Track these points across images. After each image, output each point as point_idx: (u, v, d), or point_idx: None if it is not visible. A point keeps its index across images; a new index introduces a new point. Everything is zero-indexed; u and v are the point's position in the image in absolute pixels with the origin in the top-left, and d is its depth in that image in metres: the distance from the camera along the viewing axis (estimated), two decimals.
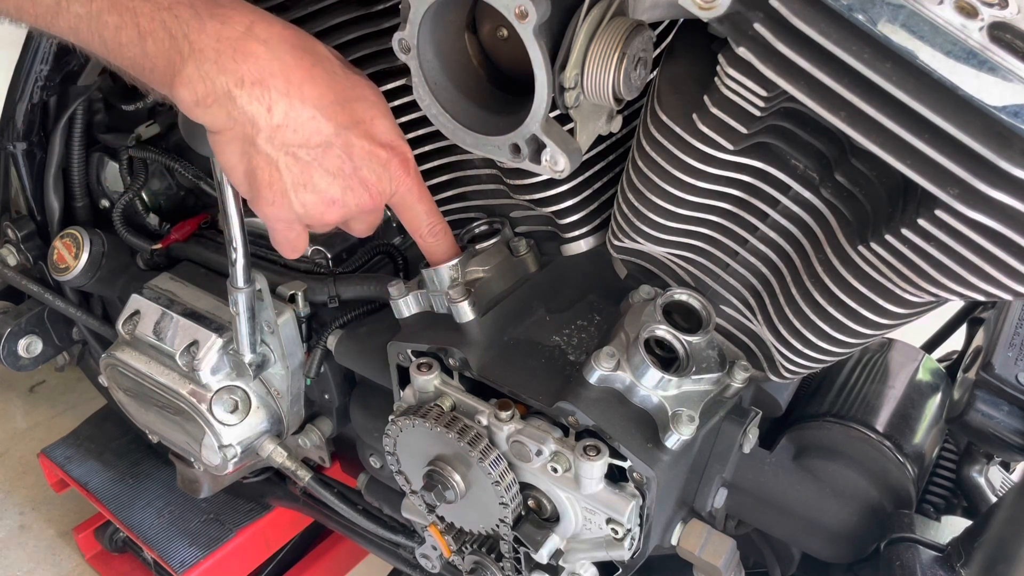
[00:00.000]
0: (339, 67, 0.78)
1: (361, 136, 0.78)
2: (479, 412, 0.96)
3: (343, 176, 0.79)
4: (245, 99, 0.71)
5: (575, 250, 1.04)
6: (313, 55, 0.74)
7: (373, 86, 0.82)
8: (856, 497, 1.02)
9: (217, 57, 0.70)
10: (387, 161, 0.81)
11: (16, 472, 2.12)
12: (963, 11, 0.61)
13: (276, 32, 0.72)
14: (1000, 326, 1.05)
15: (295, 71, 0.73)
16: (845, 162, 0.78)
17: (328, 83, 0.74)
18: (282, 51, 0.72)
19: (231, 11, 0.71)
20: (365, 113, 0.79)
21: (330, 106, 0.75)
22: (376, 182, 0.82)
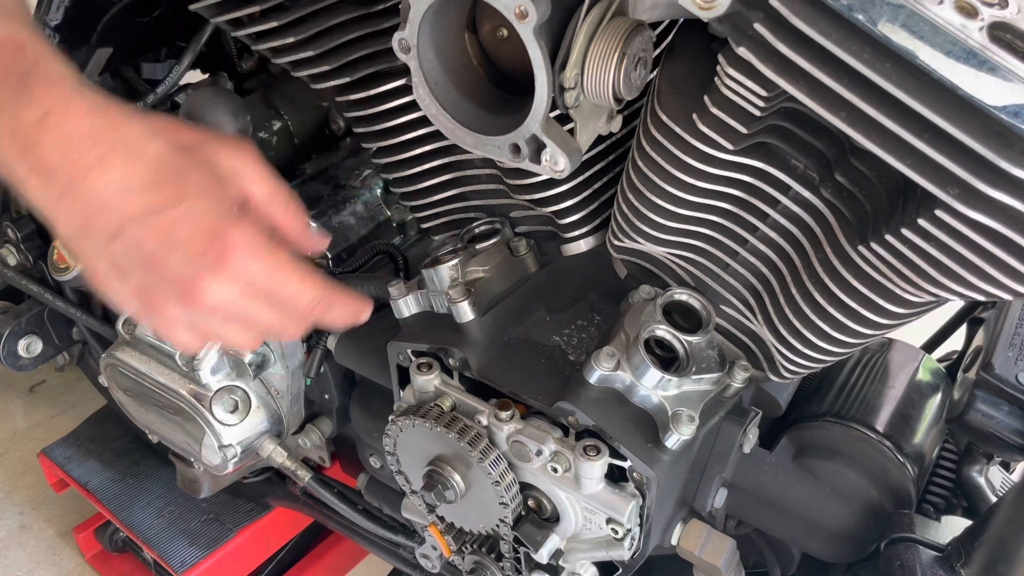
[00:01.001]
0: (150, 154, 0.65)
1: (154, 229, 0.65)
2: (479, 412, 0.96)
3: (124, 280, 0.68)
4: (34, 191, 0.65)
5: (575, 250, 1.04)
6: (109, 143, 0.64)
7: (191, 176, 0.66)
8: (856, 497, 1.02)
9: (9, 150, 0.64)
10: (202, 248, 0.66)
11: (16, 472, 2.12)
12: (963, 11, 0.61)
13: (72, 118, 0.63)
14: (1000, 326, 1.05)
15: (81, 162, 0.64)
16: (845, 162, 0.78)
17: (122, 168, 0.64)
18: (73, 141, 0.63)
19: (42, 90, 0.64)
20: (166, 200, 0.65)
21: (119, 193, 0.64)
22: (195, 278, 0.67)
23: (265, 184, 0.72)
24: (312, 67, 1.00)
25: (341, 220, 1.41)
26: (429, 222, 1.14)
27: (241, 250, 0.66)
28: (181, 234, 0.65)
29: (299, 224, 0.74)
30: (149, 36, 1.40)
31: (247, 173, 0.70)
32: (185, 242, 0.65)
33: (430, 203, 1.11)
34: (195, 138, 0.68)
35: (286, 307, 0.71)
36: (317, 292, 0.72)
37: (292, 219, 0.74)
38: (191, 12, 1.02)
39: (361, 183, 1.47)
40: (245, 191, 0.71)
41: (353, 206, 1.44)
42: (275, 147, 1.60)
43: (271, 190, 0.72)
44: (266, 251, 0.68)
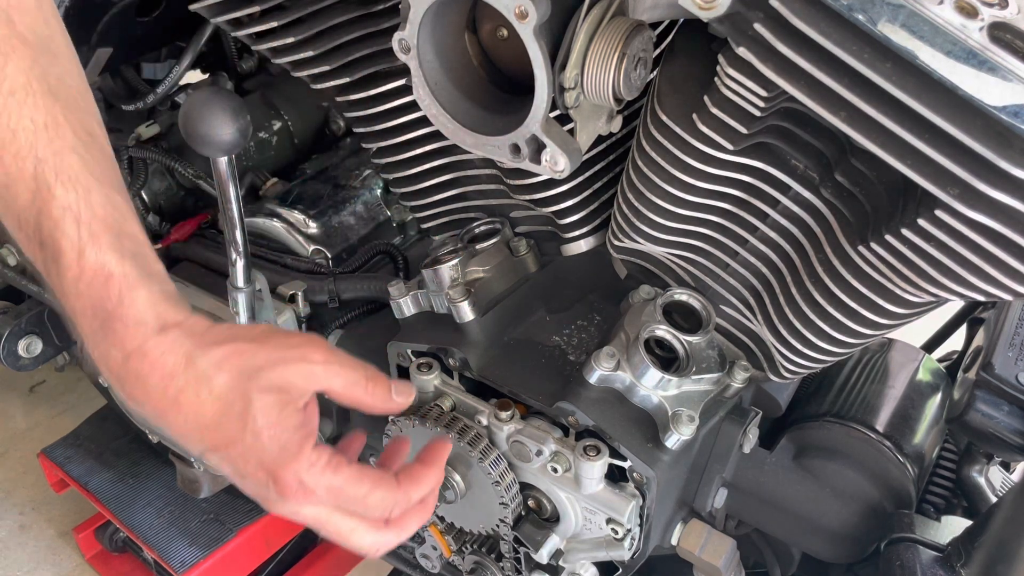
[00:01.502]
0: (216, 390, 0.71)
1: (227, 460, 0.73)
2: (479, 412, 0.96)
3: (235, 480, 0.76)
4: (146, 416, 0.73)
5: (575, 250, 1.04)
6: (181, 382, 0.71)
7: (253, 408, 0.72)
8: (856, 497, 1.02)
9: (107, 376, 0.72)
10: (265, 482, 0.73)
11: (16, 472, 2.12)
12: (963, 11, 0.61)
13: (148, 363, 0.70)
14: (1000, 326, 1.05)
15: (160, 401, 0.72)
16: (845, 162, 0.78)
17: (194, 407, 0.71)
18: (151, 382, 0.71)
19: (123, 332, 0.70)
20: (228, 437, 0.72)
21: (193, 430, 0.72)
22: (270, 503, 0.75)
23: (340, 377, 0.75)
24: (312, 67, 1.00)
25: (341, 220, 1.41)
26: (429, 222, 1.14)
27: (294, 487, 0.72)
28: (244, 468, 0.72)
29: (382, 398, 0.78)
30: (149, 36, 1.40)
31: (319, 374, 0.74)
32: (248, 475, 0.72)
33: (430, 203, 1.11)
34: (262, 360, 0.72)
35: (365, 513, 0.77)
36: (387, 498, 0.76)
37: (375, 398, 0.77)
38: (191, 12, 1.02)
39: (361, 183, 1.47)
40: (323, 388, 0.75)
41: (353, 206, 1.44)
42: (275, 147, 1.60)
43: (347, 380, 0.76)
44: (321, 480, 0.73)
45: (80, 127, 0.72)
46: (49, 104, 0.70)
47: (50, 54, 0.72)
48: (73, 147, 0.71)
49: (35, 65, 0.70)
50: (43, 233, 0.70)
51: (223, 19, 1.00)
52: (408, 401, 0.79)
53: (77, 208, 0.70)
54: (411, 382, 0.82)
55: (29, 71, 0.69)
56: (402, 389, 0.79)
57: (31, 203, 0.69)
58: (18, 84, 0.69)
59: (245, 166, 1.53)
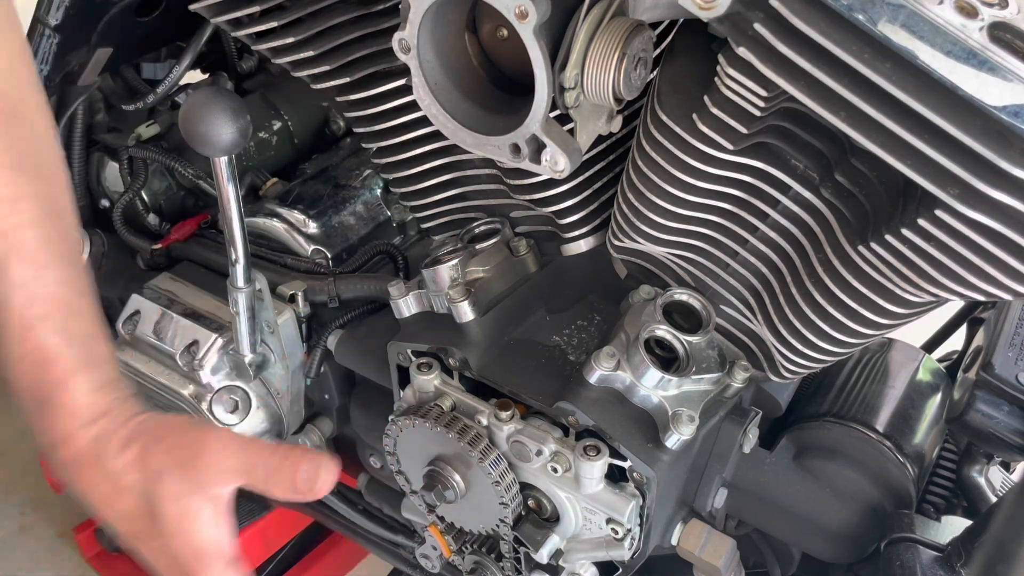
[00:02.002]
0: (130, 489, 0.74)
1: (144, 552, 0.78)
2: (479, 412, 0.96)
3: None
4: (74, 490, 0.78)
5: (575, 250, 1.04)
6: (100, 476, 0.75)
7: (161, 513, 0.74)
8: (856, 497, 1.02)
9: (40, 446, 0.77)
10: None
11: (16, 472, 2.12)
12: (963, 11, 0.61)
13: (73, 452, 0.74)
14: (1000, 326, 1.05)
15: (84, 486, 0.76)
16: (845, 162, 0.78)
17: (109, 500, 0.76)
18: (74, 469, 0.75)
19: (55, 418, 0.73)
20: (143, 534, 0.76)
21: (110, 517, 0.77)
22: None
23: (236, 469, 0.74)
24: (312, 67, 1.00)
25: (341, 220, 1.41)
26: (429, 222, 1.14)
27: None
28: (157, 563, 0.76)
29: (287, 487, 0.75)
30: (149, 36, 1.40)
31: (216, 477, 0.74)
32: (166, 567, 0.76)
33: (430, 203, 1.11)
34: (162, 463, 0.73)
35: None
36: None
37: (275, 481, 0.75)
38: (191, 12, 1.02)
39: (361, 183, 1.47)
40: (225, 487, 0.75)
41: (353, 206, 1.44)
42: (275, 147, 1.60)
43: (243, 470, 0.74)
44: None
45: (44, 198, 0.72)
46: (13, 176, 0.70)
47: (20, 118, 0.72)
48: (32, 221, 0.71)
49: (3, 135, 0.69)
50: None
51: (223, 19, 1.00)
52: (316, 490, 0.75)
53: (31, 287, 0.70)
54: (326, 463, 0.75)
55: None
56: (310, 474, 0.74)
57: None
58: None
59: (245, 166, 1.52)
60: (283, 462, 0.74)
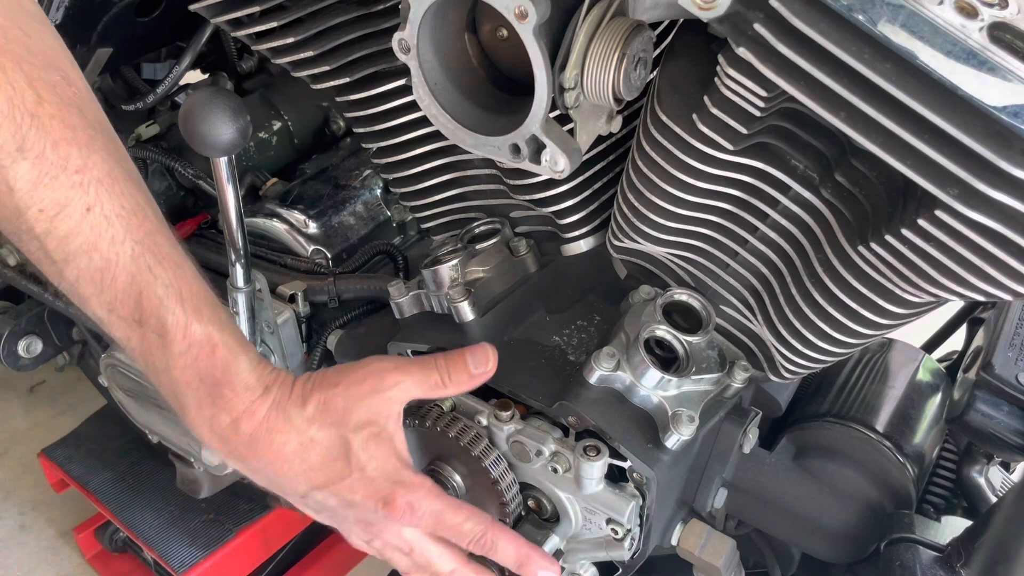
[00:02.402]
0: (316, 439, 0.81)
1: (331, 495, 0.83)
2: (479, 412, 0.96)
3: (336, 520, 0.88)
4: (246, 470, 0.83)
5: (575, 250, 1.04)
6: (284, 436, 0.80)
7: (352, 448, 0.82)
8: (856, 497, 1.02)
9: (210, 439, 0.80)
10: (374, 508, 0.83)
11: (16, 472, 2.12)
12: (963, 11, 0.61)
13: (255, 422, 0.79)
14: (1000, 326, 1.05)
15: (267, 453, 0.81)
16: (845, 162, 0.78)
17: (299, 456, 0.80)
18: (259, 438, 0.80)
19: (231, 397, 0.78)
20: (337, 475, 0.82)
21: (299, 475, 0.82)
22: (374, 526, 0.87)
23: (414, 388, 0.85)
24: (312, 67, 1.00)
25: (341, 220, 1.41)
26: (429, 222, 1.14)
27: (403, 509, 0.82)
28: (353, 498, 0.82)
29: (463, 382, 0.87)
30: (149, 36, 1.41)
31: (393, 397, 0.83)
32: (357, 503, 0.83)
33: (430, 203, 1.11)
34: (343, 404, 0.81)
35: (456, 538, 0.87)
36: (478, 529, 0.86)
37: (457, 385, 0.87)
38: (191, 12, 1.02)
39: (361, 183, 1.47)
40: (404, 403, 0.85)
41: (353, 206, 1.44)
42: (275, 147, 1.60)
43: (422, 387, 0.85)
44: (426, 504, 0.83)
45: (153, 207, 0.77)
46: (131, 189, 0.74)
47: (113, 139, 0.76)
48: (158, 228, 0.76)
49: (111, 153, 0.74)
50: (144, 312, 0.75)
51: (223, 19, 1.00)
52: (489, 367, 0.87)
53: (178, 285, 0.75)
54: (488, 346, 0.87)
55: (109, 158, 0.73)
56: (479, 359, 0.86)
57: (130, 285, 0.74)
58: (104, 172, 0.72)
59: (245, 166, 1.53)
60: (451, 362, 0.86)
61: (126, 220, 0.73)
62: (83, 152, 0.71)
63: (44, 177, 0.69)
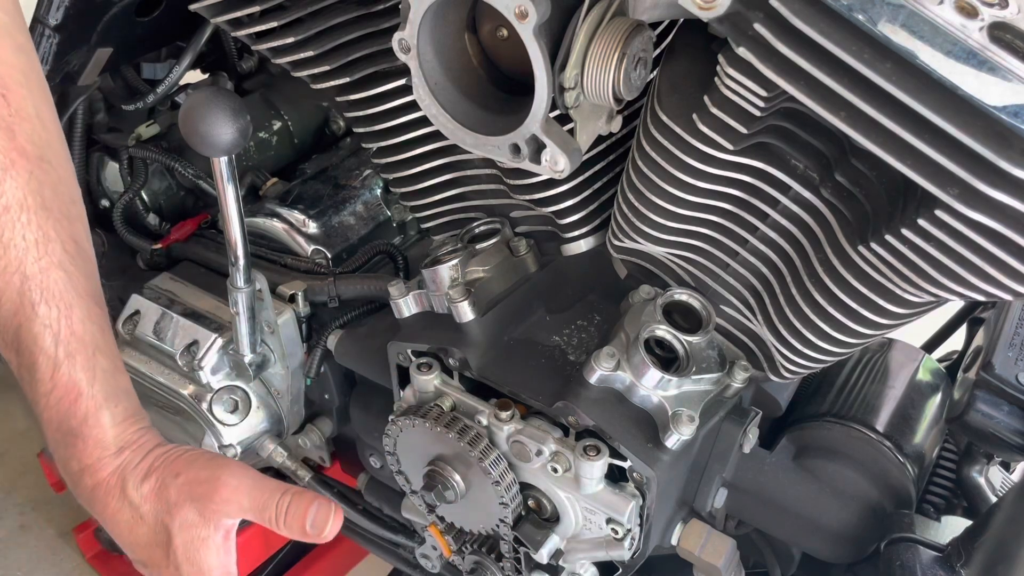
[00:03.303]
0: (145, 518, 0.81)
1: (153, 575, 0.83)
2: (479, 412, 0.96)
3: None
4: (92, 512, 0.84)
5: (575, 250, 1.04)
6: (119, 504, 0.80)
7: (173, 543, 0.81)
8: (856, 497, 1.02)
9: (63, 477, 0.83)
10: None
11: (16, 472, 2.12)
12: (963, 11, 0.61)
13: (97, 480, 0.80)
14: (1000, 326, 1.05)
15: (103, 512, 0.82)
16: (845, 162, 0.78)
17: (128, 527, 0.81)
18: (97, 496, 0.81)
19: (82, 448, 0.79)
20: (156, 561, 0.82)
21: (126, 544, 0.83)
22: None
23: (246, 510, 0.80)
24: (312, 67, 1.00)
25: (341, 220, 1.41)
26: (429, 222, 1.14)
27: None
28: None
29: (296, 528, 0.80)
30: (149, 36, 1.40)
31: (225, 510, 0.80)
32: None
33: (430, 203, 1.11)
34: (175, 497, 0.79)
35: None
36: None
37: (289, 528, 0.80)
38: (191, 12, 1.02)
39: (361, 183, 1.47)
40: (234, 519, 0.81)
41: (353, 206, 1.44)
42: (275, 147, 1.60)
43: (256, 510, 0.80)
44: None
45: (69, 239, 0.76)
46: (41, 220, 0.74)
47: (46, 163, 0.75)
48: (60, 263, 0.75)
49: (31, 179, 0.73)
50: (20, 345, 0.75)
51: (223, 19, 1.00)
52: (327, 532, 0.80)
53: (57, 326, 0.75)
54: (334, 508, 0.81)
55: (25, 186, 0.73)
56: (320, 519, 0.80)
57: (13, 315, 0.74)
58: (14, 200, 0.72)
59: (245, 166, 1.52)
60: (293, 507, 0.80)
61: (23, 251, 0.73)
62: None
63: None
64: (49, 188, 0.75)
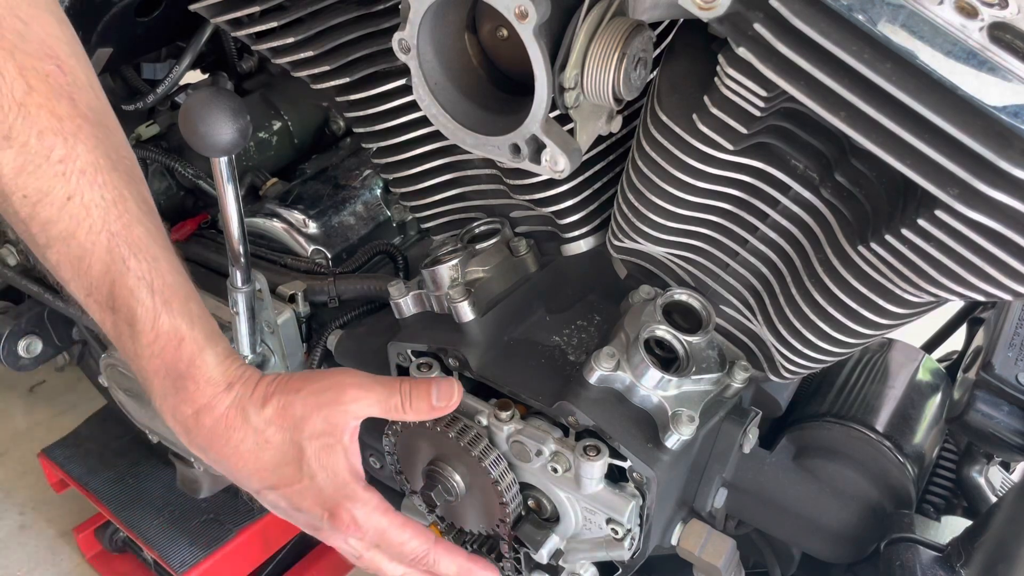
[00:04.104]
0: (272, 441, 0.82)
1: (281, 497, 0.85)
2: (479, 412, 0.96)
3: (288, 517, 0.89)
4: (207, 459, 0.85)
5: (575, 250, 1.04)
6: (241, 434, 0.81)
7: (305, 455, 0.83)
8: (856, 497, 1.02)
9: (173, 427, 0.82)
10: (320, 516, 0.85)
11: (16, 472, 2.12)
12: (963, 11, 0.61)
13: (215, 417, 0.80)
14: (1000, 326, 1.05)
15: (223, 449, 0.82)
16: (845, 162, 0.78)
17: (254, 454, 0.82)
18: (217, 433, 0.81)
19: (193, 390, 0.79)
20: (288, 479, 0.84)
21: (253, 473, 0.83)
22: (321, 531, 0.88)
23: (374, 406, 0.85)
24: (312, 67, 1.00)
25: (341, 220, 1.41)
26: (429, 222, 1.14)
27: (347, 523, 0.83)
28: (301, 504, 0.84)
29: (423, 410, 0.87)
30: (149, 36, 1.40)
31: (352, 411, 0.83)
32: (305, 509, 0.84)
33: (430, 203, 1.11)
34: (302, 411, 0.81)
35: (399, 556, 0.88)
36: (421, 549, 0.87)
37: (416, 412, 0.87)
38: (191, 12, 1.02)
39: (361, 183, 1.47)
40: (361, 418, 0.85)
41: (353, 206, 1.44)
42: (275, 147, 1.60)
43: (382, 407, 0.85)
44: (371, 520, 0.84)
45: (139, 197, 0.78)
46: (115, 179, 0.76)
47: (106, 128, 0.78)
48: (138, 219, 0.77)
49: (99, 143, 0.75)
50: (116, 301, 0.76)
51: (223, 19, 1.00)
52: (451, 404, 0.88)
53: (150, 277, 0.77)
54: (454, 381, 0.88)
55: (95, 149, 0.75)
56: (444, 393, 0.87)
57: (104, 274, 0.76)
58: (88, 162, 0.74)
59: (245, 166, 1.53)
60: (416, 389, 0.86)
61: (104, 210, 0.74)
62: (68, 142, 0.72)
63: (28, 165, 0.71)
64: (113, 151, 0.77)
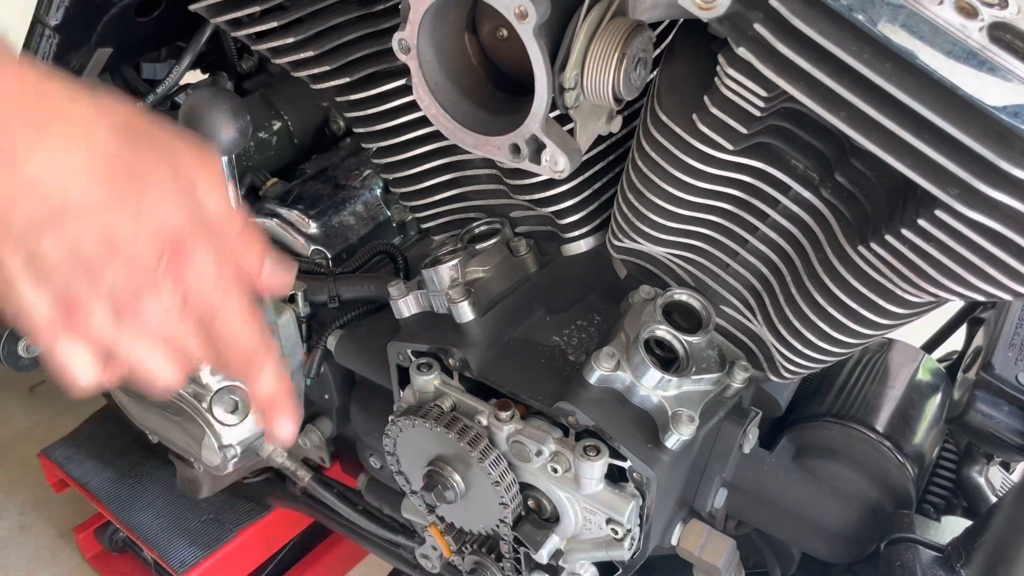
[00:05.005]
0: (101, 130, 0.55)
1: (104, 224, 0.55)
2: (479, 412, 0.96)
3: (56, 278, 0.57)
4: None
5: (575, 250, 1.04)
6: (47, 111, 0.53)
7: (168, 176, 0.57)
8: (856, 497, 1.02)
9: None
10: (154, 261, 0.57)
11: (16, 472, 2.12)
12: (963, 11, 0.61)
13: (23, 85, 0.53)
14: (1000, 326, 1.05)
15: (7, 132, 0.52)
16: (845, 162, 0.78)
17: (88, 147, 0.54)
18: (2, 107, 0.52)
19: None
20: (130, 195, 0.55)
21: (75, 174, 0.54)
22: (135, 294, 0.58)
23: (223, 203, 0.60)
24: (312, 67, 1.00)
25: (341, 220, 1.41)
26: (429, 222, 1.14)
27: (200, 265, 0.56)
28: (133, 239, 0.54)
29: (255, 255, 0.63)
30: (149, 36, 1.40)
31: (206, 186, 0.58)
32: (136, 249, 0.54)
33: (430, 203, 1.11)
34: (153, 129, 0.57)
35: (224, 344, 0.60)
36: (259, 342, 0.62)
37: (248, 248, 0.63)
38: (191, 12, 1.02)
39: (361, 183, 1.47)
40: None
41: (353, 206, 1.44)
42: (275, 147, 1.60)
43: (228, 209, 0.60)
44: (227, 279, 0.59)
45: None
46: None
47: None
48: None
49: None
50: None
51: (223, 19, 1.00)
52: (281, 289, 0.66)
53: None
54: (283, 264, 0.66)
55: None
56: (281, 270, 0.64)
57: None
58: None
59: (245, 166, 1.52)
60: None
61: None
62: None
63: None
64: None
